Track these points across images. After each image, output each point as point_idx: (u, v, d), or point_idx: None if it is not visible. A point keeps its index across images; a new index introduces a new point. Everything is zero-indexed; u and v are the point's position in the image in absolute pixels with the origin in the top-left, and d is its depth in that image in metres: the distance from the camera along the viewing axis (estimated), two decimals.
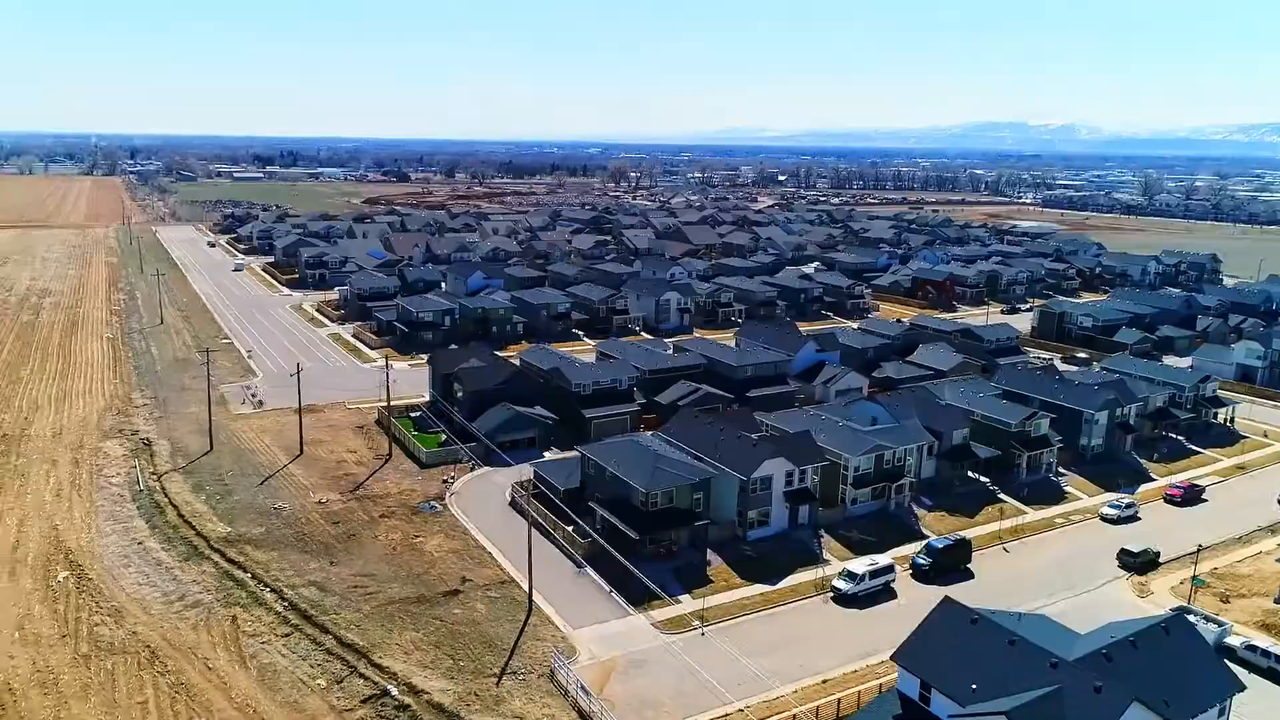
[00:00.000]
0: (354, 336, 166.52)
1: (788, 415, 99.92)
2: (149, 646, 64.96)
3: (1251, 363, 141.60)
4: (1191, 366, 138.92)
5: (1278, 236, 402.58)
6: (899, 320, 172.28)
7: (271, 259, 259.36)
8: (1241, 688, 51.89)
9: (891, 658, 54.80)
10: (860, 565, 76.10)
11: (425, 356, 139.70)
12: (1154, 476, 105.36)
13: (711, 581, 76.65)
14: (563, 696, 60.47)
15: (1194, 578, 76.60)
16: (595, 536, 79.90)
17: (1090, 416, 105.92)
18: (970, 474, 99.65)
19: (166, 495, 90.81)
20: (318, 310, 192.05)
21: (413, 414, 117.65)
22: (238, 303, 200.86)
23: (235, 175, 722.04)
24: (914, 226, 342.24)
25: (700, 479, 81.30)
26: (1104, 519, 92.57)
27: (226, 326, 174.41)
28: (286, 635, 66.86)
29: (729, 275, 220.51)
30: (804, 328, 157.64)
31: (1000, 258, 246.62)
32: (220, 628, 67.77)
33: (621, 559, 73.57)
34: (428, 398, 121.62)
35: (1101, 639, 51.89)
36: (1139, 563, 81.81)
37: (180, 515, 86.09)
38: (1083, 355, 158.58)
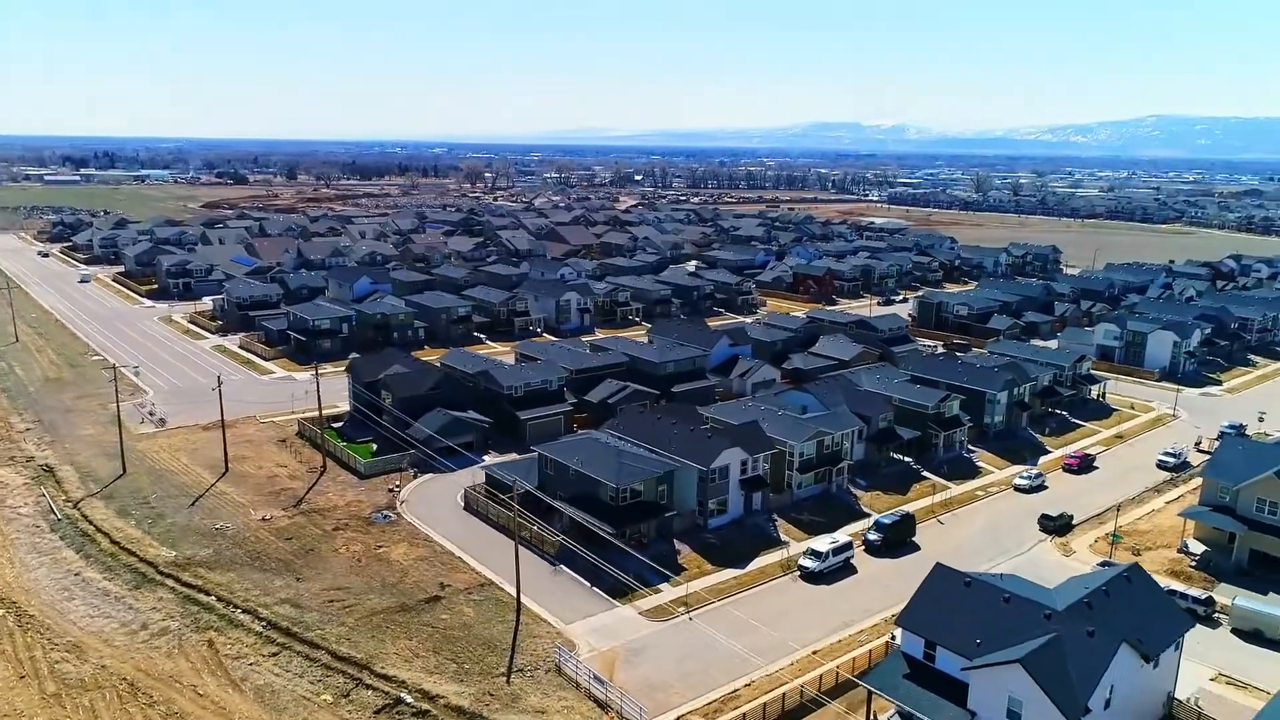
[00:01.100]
0: (242, 348, 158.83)
1: (726, 408, 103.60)
2: (124, 679, 61.33)
3: (1109, 343, 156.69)
4: (1059, 348, 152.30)
5: (1096, 229, 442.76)
6: (789, 314, 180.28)
7: (122, 268, 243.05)
8: (1192, 624, 59.06)
9: (896, 622, 59.00)
10: (823, 544, 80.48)
11: (329, 366, 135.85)
12: (1049, 449, 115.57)
13: (685, 569, 79.12)
14: (575, 688, 61.47)
15: (1113, 534, 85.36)
16: (563, 536, 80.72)
17: (993, 397, 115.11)
18: (894, 455, 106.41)
19: (91, 522, 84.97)
20: (191, 322, 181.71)
21: (335, 424, 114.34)
22: (96, 316, 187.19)
23: (46, 178, 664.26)
24: (780, 224, 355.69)
25: (664, 471, 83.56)
26: (1017, 489, 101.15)
27: (93, 343, 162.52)
28: (274, 654, 64.56)
29: (617, 275, 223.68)
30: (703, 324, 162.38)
31: (869, 253, 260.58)
32: (197, 653, 64.67)
33: (592, 556, 74.84)
34: (348, 407, 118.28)
35: (1075, 591, 57.73)
36: (1057, 525, 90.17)
37: (114, 542, 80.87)
38: (960, 341, 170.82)
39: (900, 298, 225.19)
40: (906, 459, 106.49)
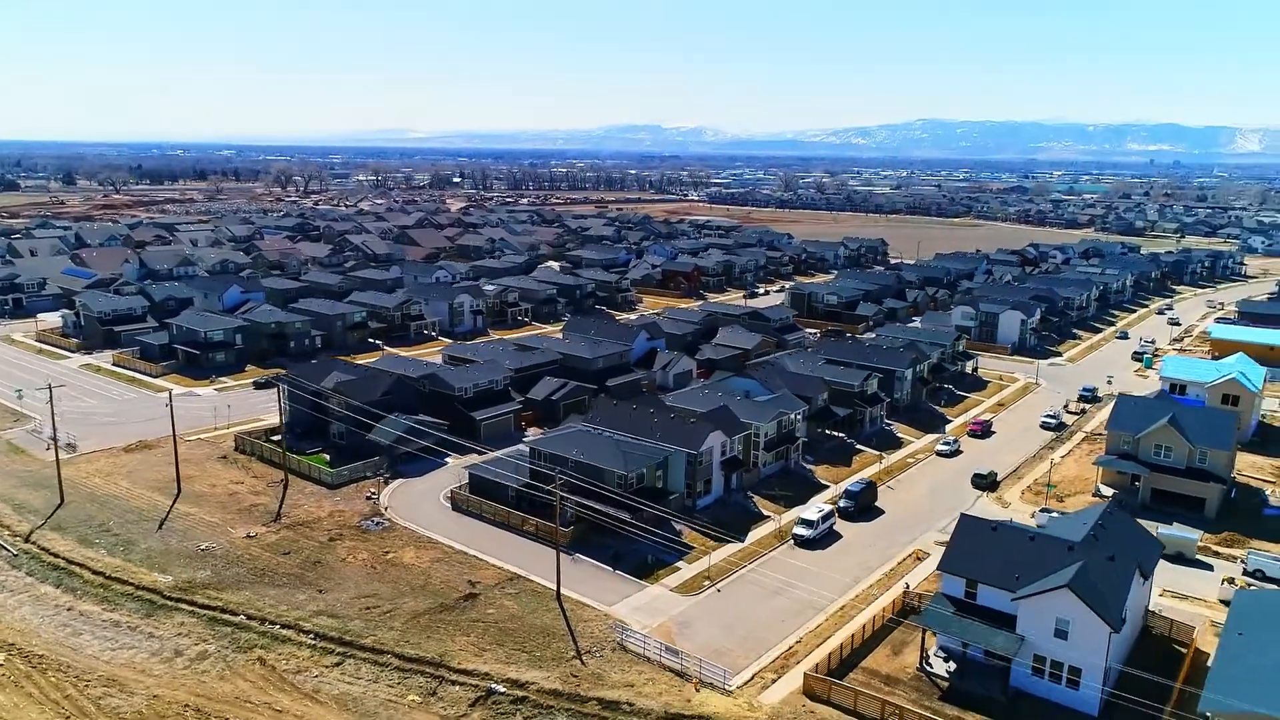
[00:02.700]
0: (119, 365, 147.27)
1: (684, 395, 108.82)
2: (186, 705, 58.79)
3: (966, 324, 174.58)
4: (930, 329, 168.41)
5: (901, 223, 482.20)
6: (671, 308, 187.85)
7: None
8: (1162, 547, 70.42)
9: (939, 568, 66.42)
10: (812, 513, 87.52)
11: (228, 379, 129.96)
12: (949, 418, 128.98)
13: (693, 548, 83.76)
14: (646, 662, 64.77)
15: (1048, 484, 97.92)
16: (553, 527, 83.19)
17: (901, 374, 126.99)
18: (830, 431, 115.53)
19: (58, 555, 78.63)
20: (40, 341, 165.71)
21: (273, 437, 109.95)
22: None
23: None
24: (625, 224, 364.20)
25: (663, 457, 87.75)
26: (939, 454, 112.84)
27: None
28: (337, 664, 63.64)
29: (492, 277, 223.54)
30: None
31: (724, 250, 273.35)
32: (253, 672, 62.69)
33: (610, 539, 78.11)
34: (279, 418, 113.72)
35: (1072, 528, 67.52)
36: (987, 483, 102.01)
37: (97, 573, 75.56)
38: (832, 328, 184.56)
39: (762, 290, 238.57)
40: (840, 434, 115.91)
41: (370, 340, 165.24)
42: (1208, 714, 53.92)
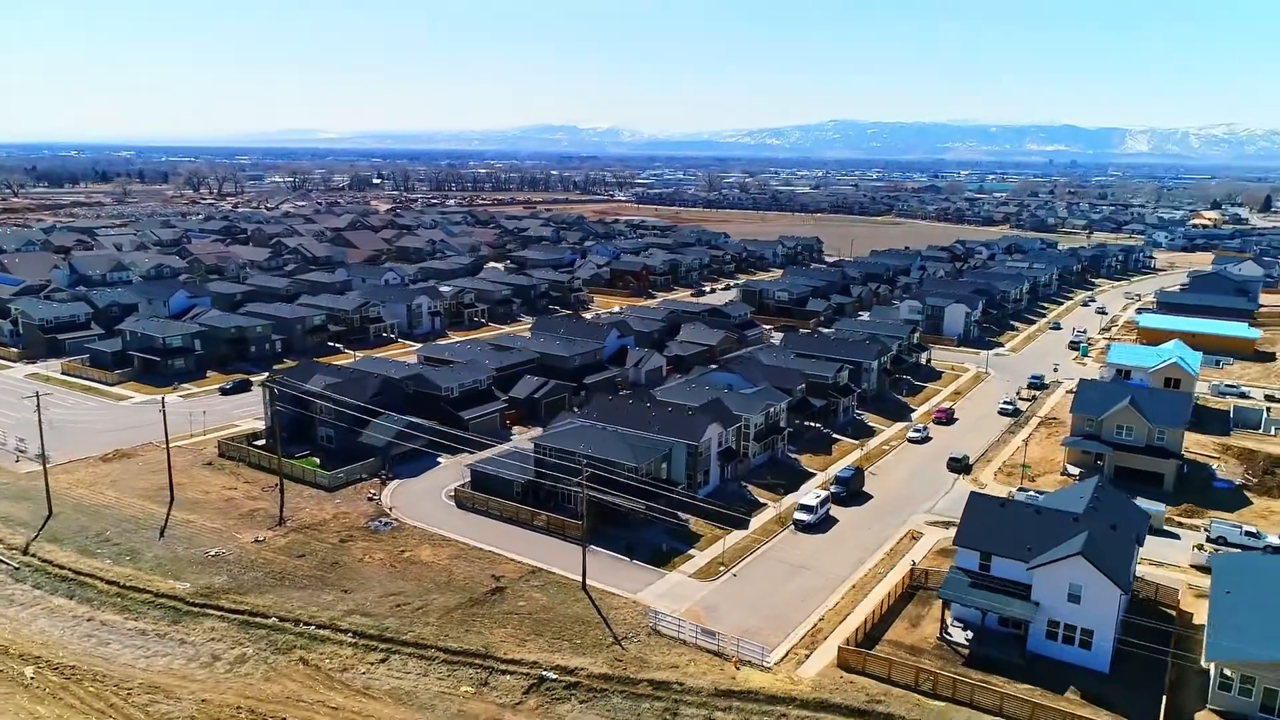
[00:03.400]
0: (69, 374, 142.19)
1: (673, 390, 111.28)
2: (239, 708, 58.68)
3: (914, 317, 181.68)
4: (881, 323, 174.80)
5: (826, 222, 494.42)
6: (627, 307, 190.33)
7: None
8: (1149, 516, 76.11)
9: (954, 543, 70.52)
10: (811, 499, 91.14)
11: (192, 386, 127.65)
12: (912, 407, 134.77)
13: (701, 536, 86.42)
14: (683, 644, 67.12)
15: (1023, 465, 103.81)
16: (552, 519, 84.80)
17: (868, 366, 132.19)
18: (807, 422, 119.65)
19: (62, 566, 76.70)
20: None
21: (255, 442, 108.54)
22: None
23: None
24: (562, 225, 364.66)
25: (667, 449, 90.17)
26: (911, 440, 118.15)
27: None
28: (382, 660, 64.18)
29: (438, 278, 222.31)
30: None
31: (668, 249, 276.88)
32: (298, 672, 62.81)
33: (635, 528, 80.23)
34: (257, 424, 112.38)
35: (1070, 501, 72.57)
36: (962, 466, 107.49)
37: (110, 582, 74.08)
38: (785, 324, 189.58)
39: (709, 289, 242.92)
40: (816, 424, 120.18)
41: (330, 343, 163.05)
42: (1213, 662, 59.22)
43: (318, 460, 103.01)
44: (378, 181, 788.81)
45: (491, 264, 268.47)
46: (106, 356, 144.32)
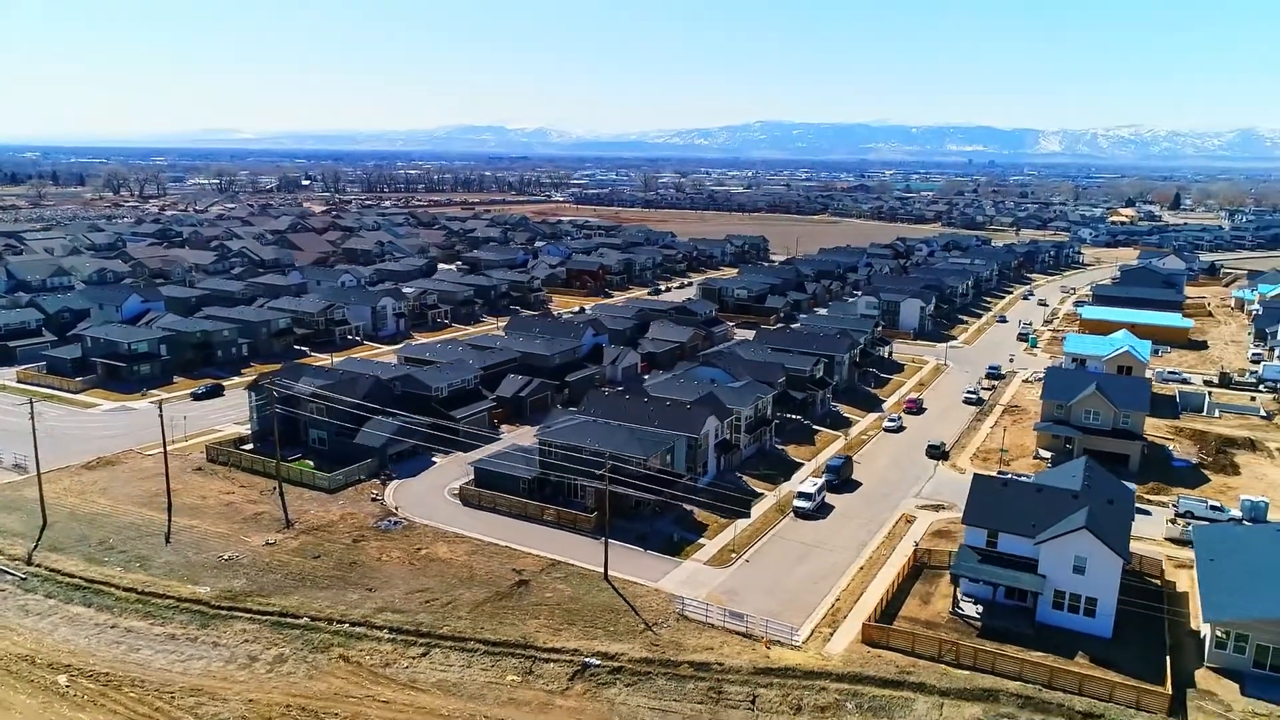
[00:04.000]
0: (25, 382, 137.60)
1: (663, 385, 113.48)
2: (290, 706, 58.95)
3: (870, 312, 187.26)
4: (836, 318, 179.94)
5: (766, 221, 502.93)
6: (603, 305, 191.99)
7: None
8: (1132, 491, 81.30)
9: (963, 522, 74.35)
10: (810, 487, 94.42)
11: (161, 392, 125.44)
12: (881, 398, 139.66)
13: (707, 525, 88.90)
14: (711, 628, 69.46)
15: (1002, 450, 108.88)
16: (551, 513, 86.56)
17: (840, 359, 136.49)
18: (787, 414, 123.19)
19: (71, 575, 75.25)
20: None
21: (243, 446, 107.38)
22: None
23: None
24: (509, 226, 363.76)
25: (672, 442, 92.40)
26: (887, 430, 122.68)
27: None
28: (423, 654, 64.98)
29: (392, 280, 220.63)
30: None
31: (619, 249, 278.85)
32: (340, 669, 63.27)
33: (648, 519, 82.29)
34: (252, 426, 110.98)
35: (1063, 480, 77.19)
36: (939, 452, 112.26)
37: (126, 589, 73.01)
38: (744, 319, 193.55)
39: (664, 287, 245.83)
40: (797, 416, 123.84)
41: (296, 346, 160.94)
42: (1209, 623, 64.11)
43: (311, 463, 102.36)
44: (307, 183, 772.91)
45: (443, 265, 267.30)
46: (66, 364, 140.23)
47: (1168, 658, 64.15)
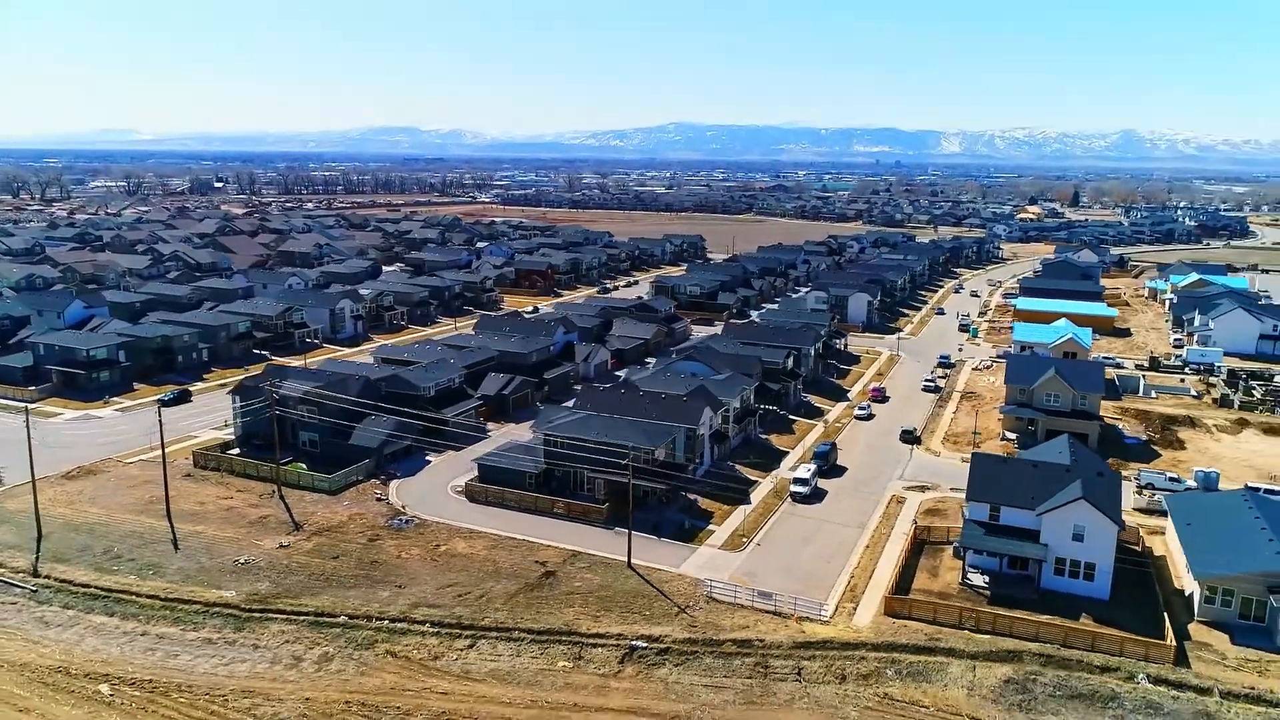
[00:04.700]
0: None
1: (651, 379, 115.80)
2: (349, 703, 59.42)
3: (820, 307, 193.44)
4: (792, 312, 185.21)
5: (693, 220, 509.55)
6: (568, 303, 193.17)
7: None
8: (1113, 470, 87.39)
9: (966, 498, 78.89)
10: (804, 473, 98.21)
11: (124, 399, 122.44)
12: (845, 388, 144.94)
13: (712, 513, 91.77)
14: (741, 608, 72.31)
15: (974, 432, 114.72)
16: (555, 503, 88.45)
17: (807, 351, 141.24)
18: (764, 406, 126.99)
19: (85, 585, 73.62)
20: None
21: (229, 450, 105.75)
22: None
23: None
24: (444, 227, 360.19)
25: (674, 434, 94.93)
26: (858, 418, 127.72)
27: None
28: (470, 646, 66.03)
29: (339, 282, 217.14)
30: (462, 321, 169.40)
31: (563, 249, 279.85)
32: (390, 664, 63.92)
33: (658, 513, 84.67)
34: (236, 431, 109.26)
35: (1050, 454, 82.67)
36: (913, 437, 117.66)
37: (150, 596, 71.93)
38: (697, 316, 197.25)
39: (611, 286, 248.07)
40: (773, 407, 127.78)
41: (256, 350, 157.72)
42: (1199, 580, 70.00)
43: (303, 465, 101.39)
44: (220, 185, 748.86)
45: (386, 267, 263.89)
46: (16, 372, 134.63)
47: (1165, 614, 69.76)
